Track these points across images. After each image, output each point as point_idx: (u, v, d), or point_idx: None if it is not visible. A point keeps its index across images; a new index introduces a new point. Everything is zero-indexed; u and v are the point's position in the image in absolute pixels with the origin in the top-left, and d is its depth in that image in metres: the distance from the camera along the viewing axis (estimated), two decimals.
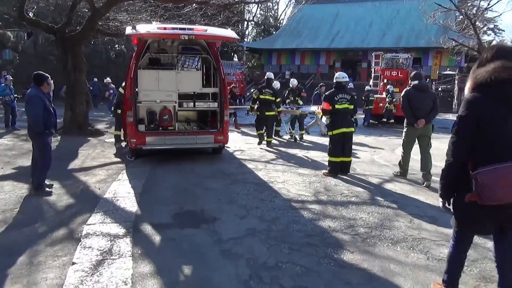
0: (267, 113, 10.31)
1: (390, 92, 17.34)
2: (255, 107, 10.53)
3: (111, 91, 17.63)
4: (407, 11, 41.54)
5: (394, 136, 13.56)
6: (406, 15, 41.25)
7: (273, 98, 10.35)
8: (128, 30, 7.07)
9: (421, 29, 38.81)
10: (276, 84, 11.83)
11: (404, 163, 7.17)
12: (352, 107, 7.26)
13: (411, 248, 4.04)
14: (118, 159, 8.56)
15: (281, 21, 51.03)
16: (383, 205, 5.50)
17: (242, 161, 8.41)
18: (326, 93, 7.48)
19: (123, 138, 10.32)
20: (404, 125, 6.99)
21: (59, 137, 11.06)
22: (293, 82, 12.43)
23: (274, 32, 46.40)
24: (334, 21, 42.94)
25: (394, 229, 4.60)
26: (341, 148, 7.15)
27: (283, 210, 5.17)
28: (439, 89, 30.65)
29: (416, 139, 6.87)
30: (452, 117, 24.12)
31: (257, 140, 10.79)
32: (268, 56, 43.29)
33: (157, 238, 4.26)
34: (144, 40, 7.68)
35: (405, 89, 7.07)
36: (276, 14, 49.61)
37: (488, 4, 18.96)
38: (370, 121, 18.04)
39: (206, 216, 4.94)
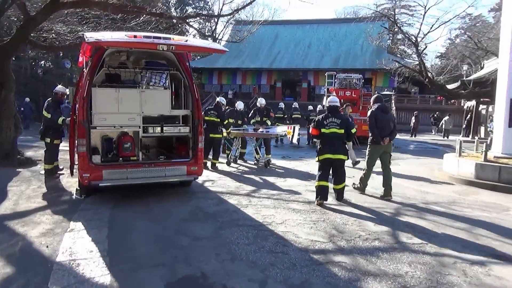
0: (211, 135, 9.77)
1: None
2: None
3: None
4: (343, 34, 43.20)
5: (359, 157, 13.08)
6: (342, 38, 42.82)
7: (218, 120, 9.80)
8: (88, 37, 5.56)
9: (356, 51, 40.53)
10: (239, 105, 10.91)
11: (365, 179, 7.54)
12: (342, 131, 6.69)
13: None
14: (64, 198, 6.87)
15: (219, 42, 50.37)
16: (416, 250, 4.60)
17: (219, 195, 7.14)
18: (317, 118, 7.04)
19: (61, 172, 8.61)
20: (368, 143, 7.40)
21: None
22: (261, 101, 11.45)
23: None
24: (274, 41, 43.24)
25: (455, 287, 3.69)
26: (327, 173, 6.73)
27: (307, 267, 4.03)
28: None
29: (379, 157, 7.37)
30: (400, 136, 24.78)
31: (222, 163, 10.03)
32: (208, 76, 42.28)
33: None
34: (101, 51, 6.23)
35: (370, 111, 7.56)
36: (214, 34, 48.83)
37: (431, 28, 19.66)
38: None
39: (212, 285, 3.65)
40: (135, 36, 5.87)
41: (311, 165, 10.90)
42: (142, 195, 6.89)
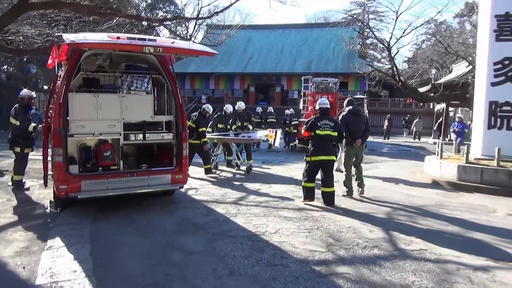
0: (189, 141, 9.22)
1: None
2: None
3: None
4: (314, 39, 43.68)
5: None
6: (314, 42, 43.28)
7: (194, 125, 9.36)
8: (67, 38, 5.14)
9: (328, 55, 41.06)
10: (229, 108, 10.64)
11: (348, 182, 7.65)
12: (335, 134, 6.79)
13: None
14: (37, 211, 6.39)
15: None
16: (417, 257, 4.49)
17: (205, 204, 6.84)
18: (310, 120, 6.99)
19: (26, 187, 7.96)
20: (343, 146, 7.73)
21: None
22: (240, 105, 11.15)
23: (185, 57, 44.99)
24: (247, 46, 43.15)
25: None
26: (315, 174, 6.83)
27: (311, 280, 3.82)
28: None
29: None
30: (371, 138, 25.13)
31: (201, 170, 9.75)
32: (181, 80, 41.58)
33: None
34: (78, 54, 5.82)
35: (341, 114, 7.81)
36: (193, 38, 48.21)
37: (403, 33, 20.04)
38: (298, 144, 17.59)
39: None
40: (118, 38, 5.51)
41: (293, 170, 10.77)
42: (123, 206, 6.50)
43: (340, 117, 7.69)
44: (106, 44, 5.37)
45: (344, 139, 7.38)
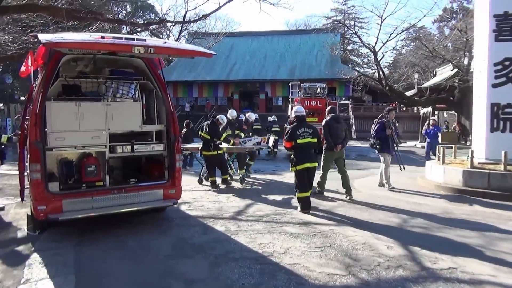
0: (204, 153, 9.21)
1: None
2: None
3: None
4: (297, 45, 43.59)
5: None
6: (297, 49, 43.17)
7: (209, 137, 9.08)
8: (44, 38, 4.48)
9: (311, 61, 40.98)
10: (232, 113, 10.11)
11: (323, 181, 8.12)
12: (315, 140, 6.98)
13: None
14: (12, 235, 5.68)
15: None
16: (449, 278, 4.00)
17: (202, 221, 6.23)
18: (287, 130, 7.20)
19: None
20: (323, 150, 7.89)
21: None
22: (232, 113, 10.58)
23: (166, 65, 44.23)
24: (230, 53, 42.63)
25: None
26: (306, 182, 6.86)
27: None
28: None
29: (334, 162, 7.99)
30: (358, 144, 24.91)
31: (193, 181, 9.64)
32: None
33: None
34: (56, 57, 5.18)
35: (324, 120, 8.13)
36: (179, 41, 47.39)
37: (389, 37, 19.97)
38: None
39: None
40: (102, 37, 4.91)
41: (287, 179, 10.23)
42: (110, 225, 5.84)
43: (323, 123, 8.13)
44: (89, 43, 4.73)
45: (325, 144, 7.89)
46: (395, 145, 8.83)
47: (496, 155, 8.39)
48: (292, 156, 6.98)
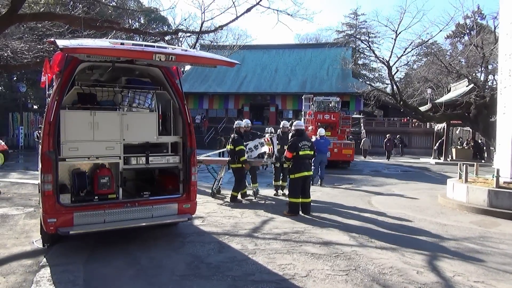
0: (231, 166, 9.03)
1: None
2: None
3: None
4: (308, 59, 43.56)
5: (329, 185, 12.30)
6: (308, 63, 43.12)
7: (233, 147, 8.83)
8: (61, 44, 4.30)
9: (322, 75, 40.87)
10: (244, 123, 9.76)
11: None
12: (312, 152, 7.71)
13: None
14: (20, 248, 5.45)
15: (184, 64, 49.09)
16: None
17: (216, 238, 5.95)
18: (290, 142, 7.75)
19: None
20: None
21: None
22: (240, 123, 9.99)
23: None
24: (241, 66, 42.66)
25: None
26: (300, 190, 7.56)
27: None
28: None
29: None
30: (373, 159, 24.52)
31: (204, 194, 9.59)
32: None
33: None
34: (73, 64, 5.02)
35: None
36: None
37: (404, 51, 19.70)
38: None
39: None
40: (122, 44, 4.74)
41: None
42: (122, 240, 5.60)
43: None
44: (108, 50, 4.54)
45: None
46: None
47: None
48: (291, 166, 7.64)
